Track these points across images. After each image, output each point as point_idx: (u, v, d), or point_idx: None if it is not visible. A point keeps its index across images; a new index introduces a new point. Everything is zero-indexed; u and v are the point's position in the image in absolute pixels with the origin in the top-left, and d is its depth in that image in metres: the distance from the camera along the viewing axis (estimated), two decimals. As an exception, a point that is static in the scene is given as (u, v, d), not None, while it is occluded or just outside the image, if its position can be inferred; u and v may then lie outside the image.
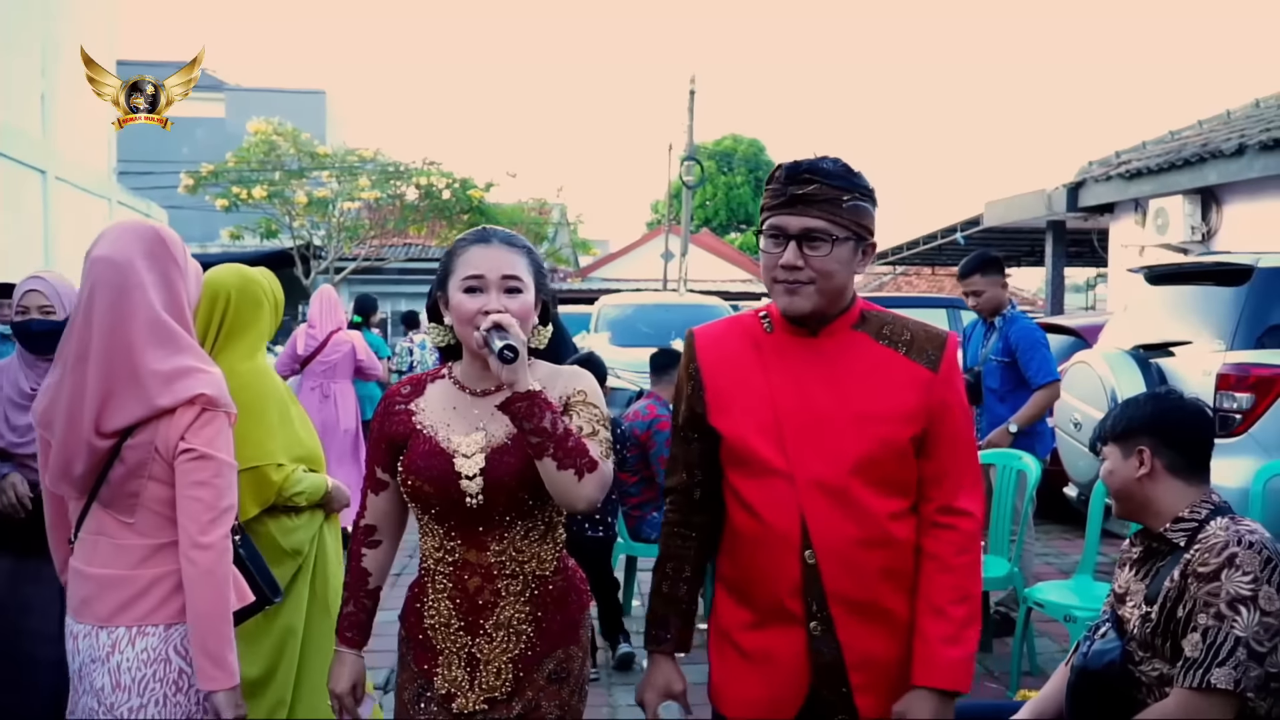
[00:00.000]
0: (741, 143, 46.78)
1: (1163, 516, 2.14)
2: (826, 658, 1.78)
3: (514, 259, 1.85)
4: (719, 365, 1.87)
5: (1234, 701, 1.92)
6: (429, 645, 1.88)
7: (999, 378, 4.63)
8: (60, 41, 10.96)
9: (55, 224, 10.63)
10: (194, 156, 19.75)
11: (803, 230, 1.76)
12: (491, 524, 1.84)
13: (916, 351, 1.83)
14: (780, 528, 1.78)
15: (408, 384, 1.97)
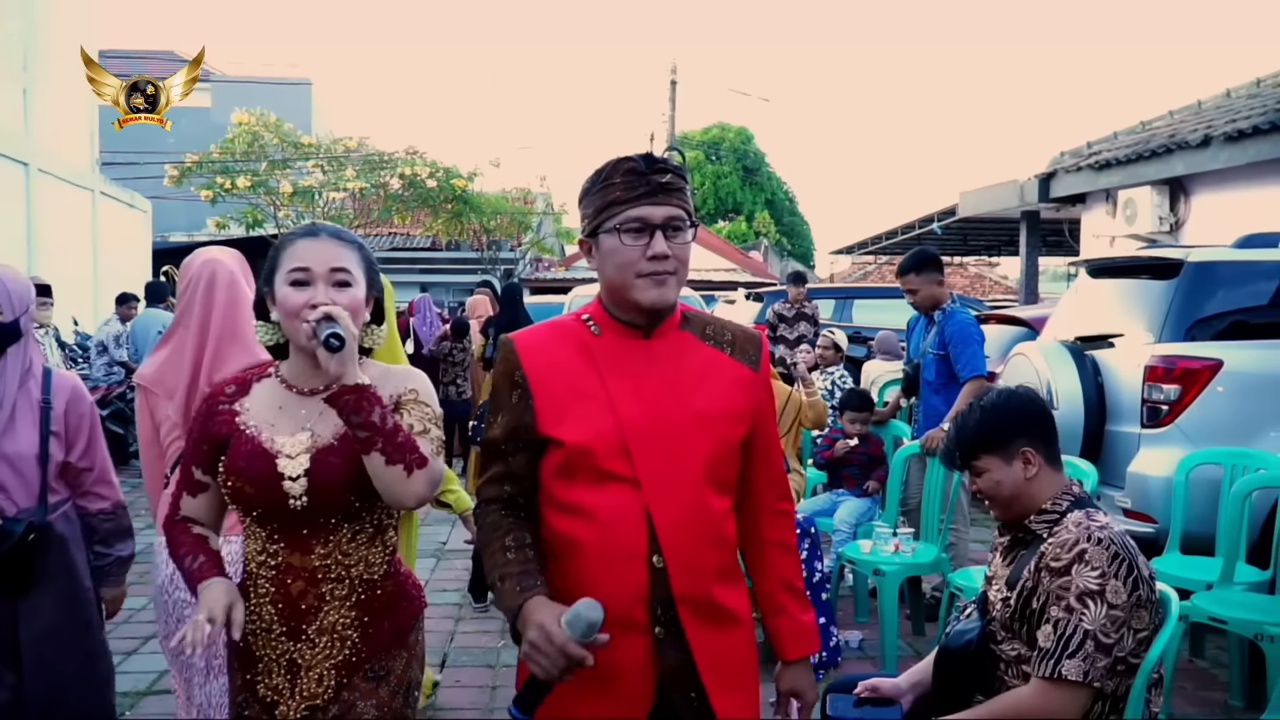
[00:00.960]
0: (729, 131, 46.63)
1: (1034, 509, 2.29)
2: (672, 662, 1.71)
3: (343, 252, 1.81)
4: (548, 372, 1.76)
5: (1084, 691, 2.07)
6: (249, 653, 1.82)
7: (934, 370, 4.81)
8: (41, 35, 11.05)
9: (38, 216, 10.73)
10: (180, 147, 19.75)
11: (666, 219, 1.71)
12: (316, 526, 1.78)
13: (739, 351, 1.83)
14: (625, 535, 1.69)
15: (232, 383, 1.90)
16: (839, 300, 12.12)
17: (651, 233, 1.70)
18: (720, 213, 46.06)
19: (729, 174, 45.68)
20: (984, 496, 2.39)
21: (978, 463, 2.34)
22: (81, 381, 2.83)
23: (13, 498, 2.59)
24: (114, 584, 2.86)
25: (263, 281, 1.85)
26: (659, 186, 1.70)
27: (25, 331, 2.64)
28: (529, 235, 25.21)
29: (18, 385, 2.60)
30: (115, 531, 2.81)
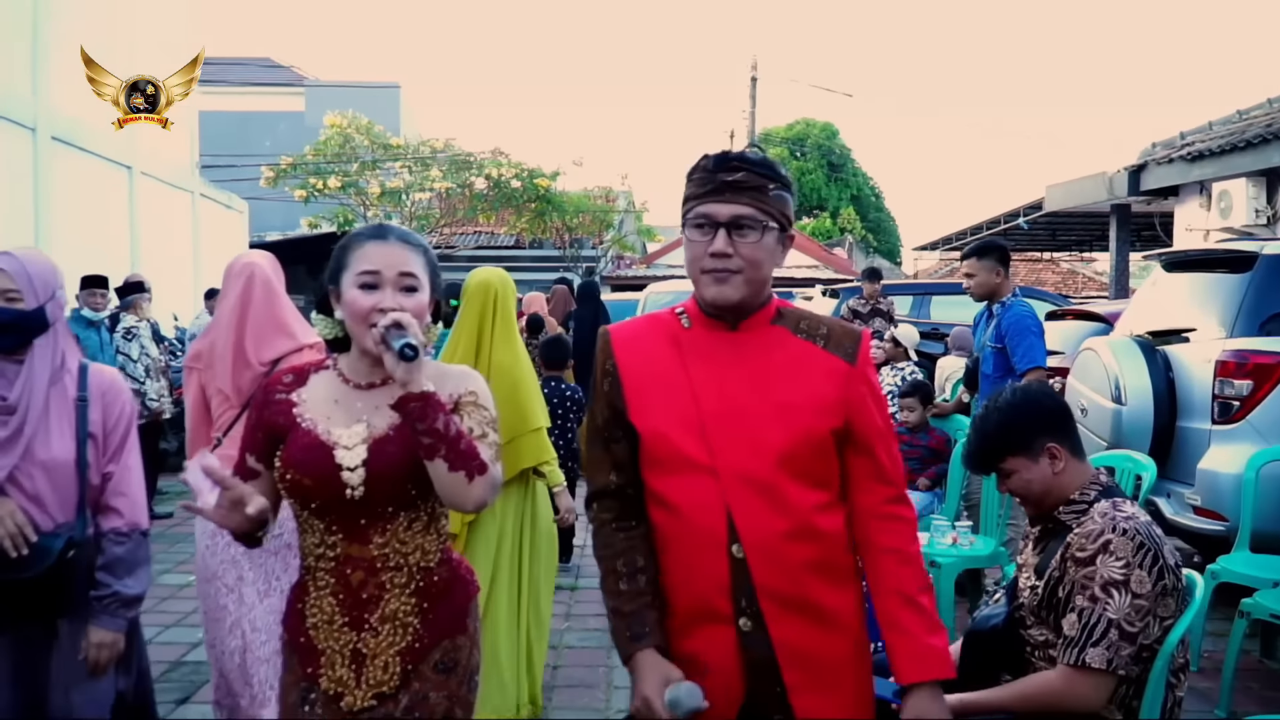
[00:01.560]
0: (814, 127, 46.18)
1: (1064, 500, 2.32)
2: (758, 655, 1.72)
3: (410, 256, 1.82)
4: (637, 363, 1.81)
5: (1108, 678, 2.10)
6: (311, 648, 1.83)
7: (992, 363, 4.79)
8: (144, 44, 11.61)
9: (140, 217, 11.28)
10: (275, 149, 20.49)
11: (732, 217, 1.71)
12: (374, 516, 1.79)
13: (834, 345, 1.79)
14: (706, 524, 1.72)
15: (290, 373, 1.92)
16: (917, 296, 11.98)
17: (715, 230, 1.72)
18: (804, 209, 45.69)
19: (813, 170, 45.25)
20: (1016, 496, 2.42)
21: (1004, 465, 2.36)
22: (120, 376, 2.56)
23: (49, 510, 2.29)
24: (107, 625, 2.34)
25: (328, 278, 1.86)
26: (725, 185, 1.71)
27: (54, 320, 2.38)
28: (610, 233, 25.43)
29: (49, 381, 2.32)
30: (124, 560, 2.35)
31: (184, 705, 3.74)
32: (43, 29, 9.13)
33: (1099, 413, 5.22)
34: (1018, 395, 2.41)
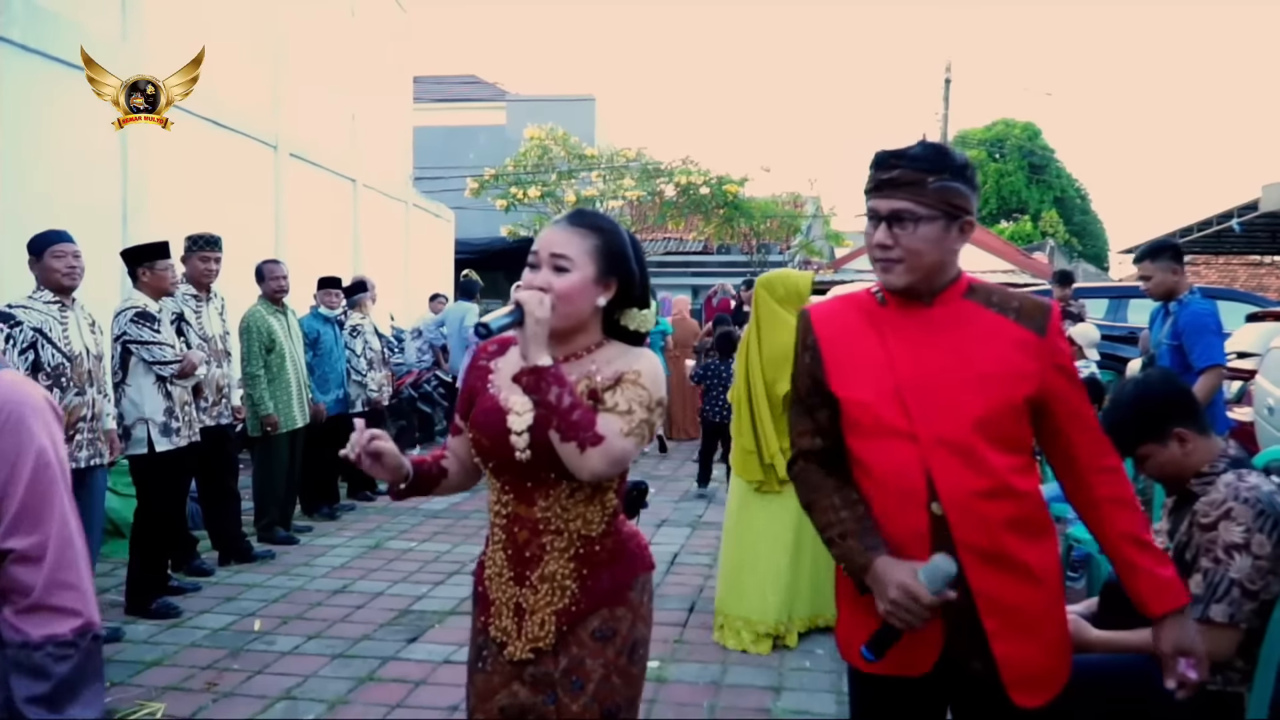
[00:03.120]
0: (1014, 128, 44.49)
1: (1195, 474, 2.45)
2: (959, 605, 1.78)
3: (571, 238, 1.89)
4: (836, 337, 1.92)
5: (1232, 631, 2.24)
6: (486, 598, 1.97)
7: (1169, 360, 4.76)
8: (365, 65, 12.75)
9: (362, 225, 12.40)
10: (479, 161, 21.74)
11: (890, 212, 1.82)
12: (538, 480, 1.88)
13: (1025, 317, 1.87)
14: (906, 484, 1.81)
15: (495, 343, 2.03)
16: (1113, 300, 11.60)
17: (877, 223, 1.84)
18: (1003, 212, 44.06)
19: (1013, 172, 43.64)
20: (1152, 478, 2.58)
21: (1139, 452, 2.51)
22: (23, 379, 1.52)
23: None
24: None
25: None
26: (884, 182, 1.83)
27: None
28: (798, 238, 25.51)
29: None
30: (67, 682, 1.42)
31: (412, 644, 4.29)
32: (281, 57, 10.24)
33: (1289, 411, 5.09)
34: (1141, 387, 2.55)
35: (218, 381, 5.31)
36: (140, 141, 7.43)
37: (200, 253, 5.29)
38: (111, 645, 4.17)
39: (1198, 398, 4.46)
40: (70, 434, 3.96)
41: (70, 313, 4.01)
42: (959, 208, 1.82)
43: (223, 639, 4.32)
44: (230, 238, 5.97)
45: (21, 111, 6.21)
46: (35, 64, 6.28)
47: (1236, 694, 2.32)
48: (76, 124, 6.62)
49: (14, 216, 5.69)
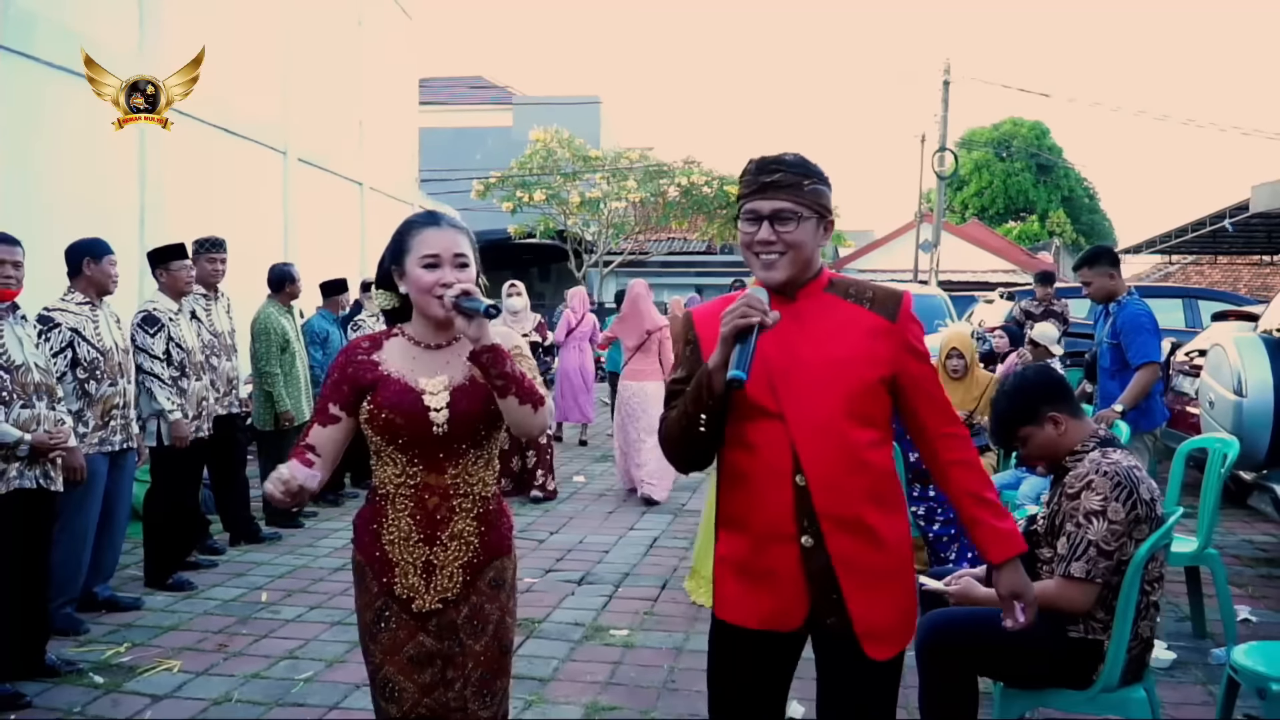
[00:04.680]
0: (1022, 127, 44.52)
1: (1069, 453, 2.83)
2: (818, 566, 2.00)
3: (461, 239, 2.11)
4: (712, 334, 2.06)
5: (1088, 585, 2.62)
6: (386, 560, 2.13)
7: (1109, 358, 5.12)
8: (371, 70, 13.16)
9: (369, 227, 12.81)
10: (485, 163, 22.17)
11: (773, 211, 2.00)
12: (450, 451, 2.11)
13: (878, 306, 2.08)
14: (775, 460, 2.01)
15: (366, 340, 2.21)
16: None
17: (759, 222, 2.03)
18: (1011, 212, 44.18)
19: (1020, 171, 43.73)
20: (1033, 457, 2.94)
21: (1020, 434, 2.88)
22: None
23: None
24: None
25: (389, 260, 2.15)
26: (765, 184, 2.02)
27: None
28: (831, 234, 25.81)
29: None
30: None
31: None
32: (290, 66, 10.65)
33: (1222, 404, 5.44)
34: (1019, 379, 2.96)
35: (227, 374, 5.71)
36: (157, 148, 7.86)
37: (207, 254, 5.68)
38: (132, 612, 4.62)
39: (1133, 391, 4.87)
40: (105, 420, 4.37)
41: (100, 312, 4.41)
42: (826, 208, 2.06)
43: (232, 609, 4.73)
44: (241, 240, 6.40)
45: (47, 121, 6.63)
46: (60, 79, 6.70)
47: (1098, 641, 2.69)
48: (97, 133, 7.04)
49: (39, 219, 6.10)
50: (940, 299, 11.77)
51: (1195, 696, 3.76)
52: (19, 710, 3.53)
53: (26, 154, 6.40)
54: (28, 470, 3.68)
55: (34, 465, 3.70)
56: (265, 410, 6.34)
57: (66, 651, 4.05)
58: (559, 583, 5.26)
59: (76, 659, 3.99)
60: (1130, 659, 2.68)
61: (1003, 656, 2.74)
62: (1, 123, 6.19)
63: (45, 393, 3.82)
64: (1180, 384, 7.54)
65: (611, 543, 6.14)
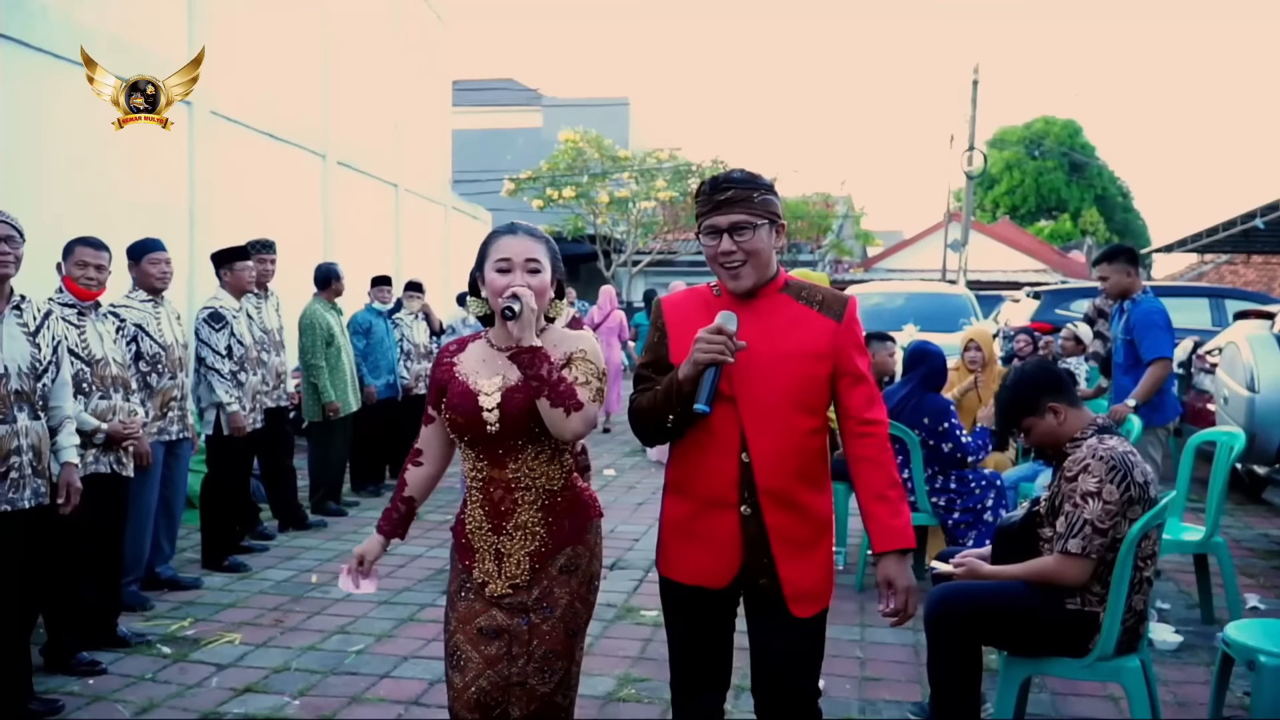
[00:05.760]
0: (1054, 125, 44.29)
1: (1069, 440, 3.05)
2: (753, 533, 2.24)
3: (535, 246, 2.26)
4: (679, 322, 2.34)
5: (1084, 561, 2.84)
6: (469, 546, 2.31)
7: (1123, 354, 5.28)
8: (406, 75, 13.47)
9: (403, 227, 13.13)
10: (516, 163, 22.53)
11: (730, 224, 2.23)
12: (507, 447, 2.25)
13: (826, 308, 2.30)
14: (725, 438, 2.24)
15: (455, 344, 2.41)
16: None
17: (720, 235, 2.25)
18: (1042, 210, 43.97)
19: (1052, 170, 43.50)
20: (1037, 446, 3.17)
21: (1023, 425, 3.11)
22: None
23: None
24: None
25: (475, 268, 2.30)
26: (720, 202, 2.24)
27: None
28: (829, 237, 26.00)
29: None
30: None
31: (446, 595, 4.94)
32: (329, 72, 10.97)
33: (1236, 401, 5.60)
34: (1019, 374, 3.18)
35: (276, 369, 6.01)
36: (206, 154, 8.21)
37: (259, 255, 5.97)
38: (193, 591, 4.94)
39: (1145, 385, 5.04)
40: (163, 411, 4.67)
41: (161, 309, 4.71)
42: (776, 214, 2.28)
43: (285, 588, 5.03)
44: (283, 240, 6.69)
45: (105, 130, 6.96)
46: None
47: (1093, 613, 2.90)
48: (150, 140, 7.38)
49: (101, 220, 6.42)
50: (965, 298, 11.88)
51: (1198, 676, 3.95)
52: (96, 676, 3.83)
53: (86, 160, 6.73)
54: (102, 456, 3.99)
55: (108, 452, 4.00)
56: (313, 402, 6.68)
57: (136, 625, 4.36)
58: (591, 568, 5.50)
59: (145, 632, 4.30)
60: (1124, 630, 2.89)
61: (1005, 626, 2.96)
62: (65, 132, 6.52)
63: (121, 385, 4.13)
64: (1201, 381, 7.68)
65: (642, 531, 6.38)
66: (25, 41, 6.24)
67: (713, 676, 2.40)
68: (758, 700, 2.39)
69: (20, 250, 3.35)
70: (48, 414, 3.46)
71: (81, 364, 3.95)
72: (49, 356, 3.47)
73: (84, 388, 3.94)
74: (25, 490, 3.31)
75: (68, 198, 6.54)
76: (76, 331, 3.99)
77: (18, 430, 3.29)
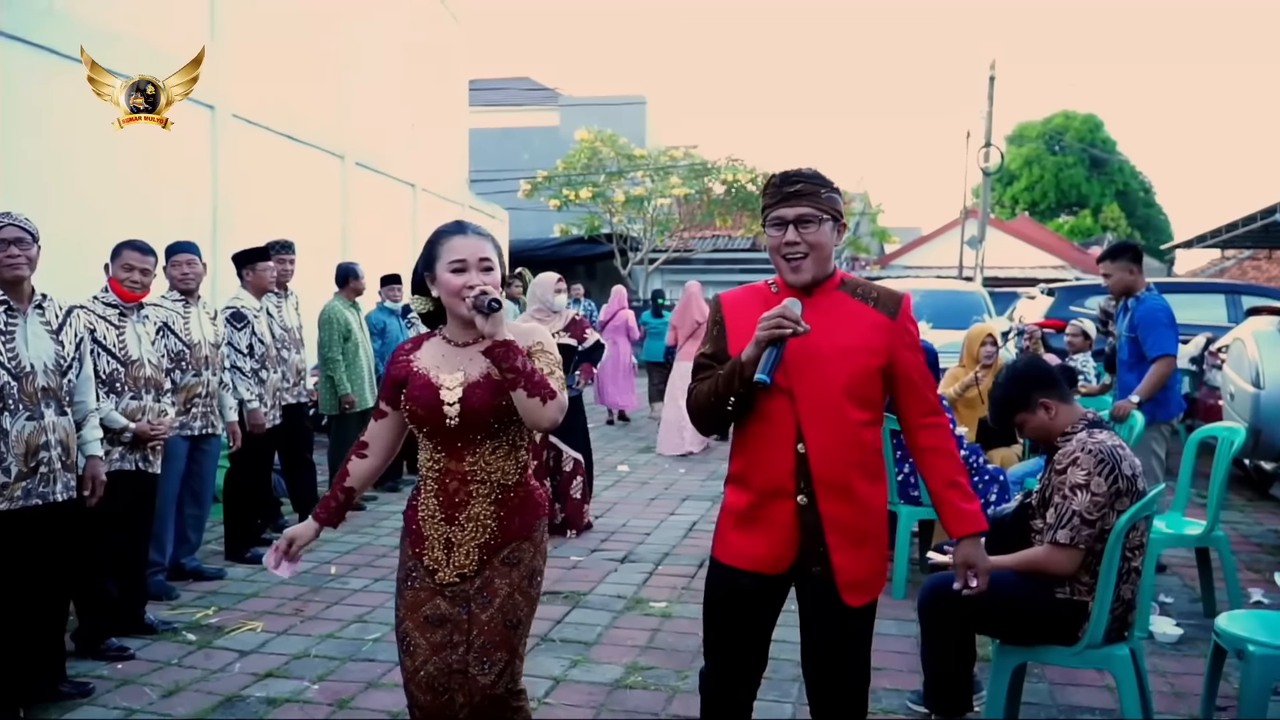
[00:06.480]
0: (1074, 120, 44.01)
1: (1061, 434, 3.14)
2: (809, 522, 2.30)
3: (486, 245, 2.33)
4: (738, 318, 2.41)
5: (1072, 551, 2.94)
6: (419, 533, 2.37)
7: (1127, 351, 5.34)
8: (423, 75, 13.62)
9: (420, 228, 13.27)
10: (533, 163, 22.62)
11: (797, 216, 2.29)
12: (466, 440, 2.31)
13: (882, 305, 2.36)
14: (782, 429, 2.30)
15: (410, 343, 2.48)
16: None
17: (786, 227, 2.32)
18: (1062, 206, 43.73)
19: (1072, 165, 43.25)
20: (1031, 440, 3.27)
21: (1016, 420, 3.22)
22: None
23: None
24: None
25: (422, 266, 2.37)
26: (788, 194, 2.31)
27: None
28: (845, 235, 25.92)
29: None
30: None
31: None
32: (347, 73, 11.14)
33: (1242, 396, 5.66)
34: (1012, 371, 3.28)
35: (296, 366, 6.16)
36: (229, 156, 8.38)
37: (278, 255, 6.12)
38: (216, 582, 5.11)
39: (1148, 382, 5.10)
40: (187, 407, 4.82)
41: (193, 308, 4.86)
42: (839, 213, 2.37)
43: (305, 579, 5.18)
44: (302, 240, 6.84)
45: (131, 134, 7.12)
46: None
47: (1083, 602, 2.99)
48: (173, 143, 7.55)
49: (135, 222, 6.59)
50: (979, 295, 11.94)
51: (1197, 668, 4.01)
52: (125, 661, 3.98)
53: (113, 162, 6.90)
54: (129, 454, 4.13)
55: (135, 450, 4.14)
56: (330, 396, 6.86)
57: (162, 613, 4.51)
58: (603, 561, 5.63)
59: (171, 620, 4.45)
60: (1113, 619, 2.98)
61: (996, 615, 3.06)
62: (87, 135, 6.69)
63: (154, 386, 4.27)
64: (1213, 378, 7.72)
65: (653, 526, 6.50)
66: (51, 48, 6.41)
67: (747, 671, 2.47)
68: (809, 687, 2.47)
69: (32, 252, 3.42)
70: (73, 409, 3.58)
71: (117, 363, 4.10)
72: (72, 353, 3.58)
73: (117, 387, 4.08)
74: (56, 484, 3.44)
75: (100, 201, 6.71)
76: (116, 332, 4.14)
77: (46, 426, 3.41)
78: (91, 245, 4.27)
